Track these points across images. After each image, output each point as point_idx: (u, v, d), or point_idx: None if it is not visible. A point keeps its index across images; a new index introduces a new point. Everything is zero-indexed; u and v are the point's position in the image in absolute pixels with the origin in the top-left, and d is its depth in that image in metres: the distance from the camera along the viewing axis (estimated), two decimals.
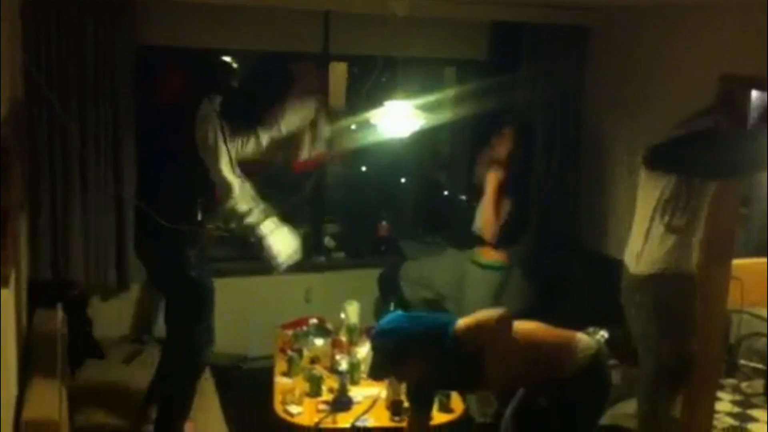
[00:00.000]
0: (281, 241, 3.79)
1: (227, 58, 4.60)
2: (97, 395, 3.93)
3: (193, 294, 3.64)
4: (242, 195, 3.62)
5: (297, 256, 3.89)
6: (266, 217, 3.74)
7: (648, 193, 3.77)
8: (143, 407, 3.78)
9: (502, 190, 4.29)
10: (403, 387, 3.47)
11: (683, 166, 3.65)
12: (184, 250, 3.60)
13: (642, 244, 3.77)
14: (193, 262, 3.62)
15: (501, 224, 4.27)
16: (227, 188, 3.58)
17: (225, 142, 3.56)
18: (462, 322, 3.08)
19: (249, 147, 3.90)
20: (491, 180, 4.30)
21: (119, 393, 3.98)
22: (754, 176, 4.22)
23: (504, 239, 4.33)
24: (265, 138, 3.93)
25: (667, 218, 3.67)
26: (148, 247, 3.80)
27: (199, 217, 3.65)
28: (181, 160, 3.60)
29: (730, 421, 4.49)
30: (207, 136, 3.53)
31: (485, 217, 4.29)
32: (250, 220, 3.69)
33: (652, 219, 3.73)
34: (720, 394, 4.53)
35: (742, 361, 4.91)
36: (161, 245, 3.63)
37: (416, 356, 3.05)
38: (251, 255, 3.95)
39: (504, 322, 3.05)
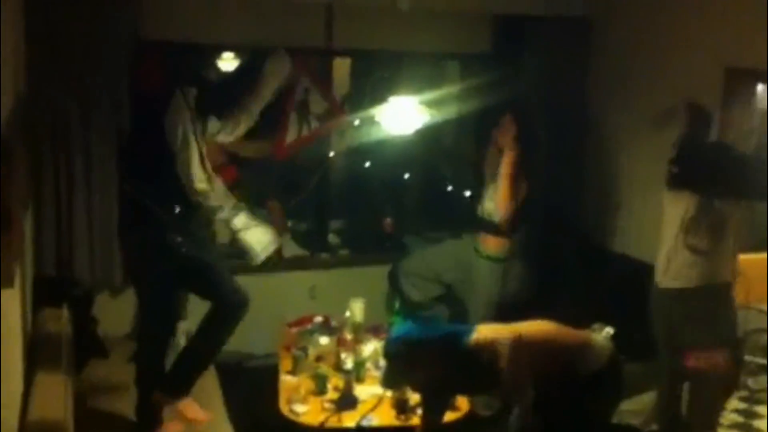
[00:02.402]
0: (255, 235, 3.81)
1: (209, 52, 4.54)
2: (102, 394, 3.92)
3: (197, 265, 3.63)
4: (209, 190, 3.59)
5: (273, 247, 3.90)
6: (237, 213, 3.75)
7: (671, 210, 3.67)
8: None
9: (518, 172, 4.18)
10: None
11: (697, 184, 3.56)
12: (169, 234, 3.57)
13: (667, 262, 3.69)
14: (181, 241, 3.58)
15: (516, 207, 4.19)
16: (191, 182, 3.54)
17: (195, 135, 3.53)
18: (476, 339, 3.04)
19: (242, 126, 3.92)
20: (507, 160, 4.16)
21: (124, 392, 3.97)
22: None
23: (516, 223, 4.24)
24: (255, 106, 3.97)
25: (689, 238, 3.58)
26: (132, 238, 3.78)
27: (177, 210, 3.61)
28: (152, 152, 3.57)
29: (736, 418, 4.47)
30: (176, 129, 3.50)
31: (501, 198, 4.17)
32: (222, 215, 3.69)
33: (677, 237, 3.63)
34: None
35: (748, 357, 4.89)
36: (145, 233, 3.62)
37: (429, 363, 3.03)
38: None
39: (518, 347, 3.01)
